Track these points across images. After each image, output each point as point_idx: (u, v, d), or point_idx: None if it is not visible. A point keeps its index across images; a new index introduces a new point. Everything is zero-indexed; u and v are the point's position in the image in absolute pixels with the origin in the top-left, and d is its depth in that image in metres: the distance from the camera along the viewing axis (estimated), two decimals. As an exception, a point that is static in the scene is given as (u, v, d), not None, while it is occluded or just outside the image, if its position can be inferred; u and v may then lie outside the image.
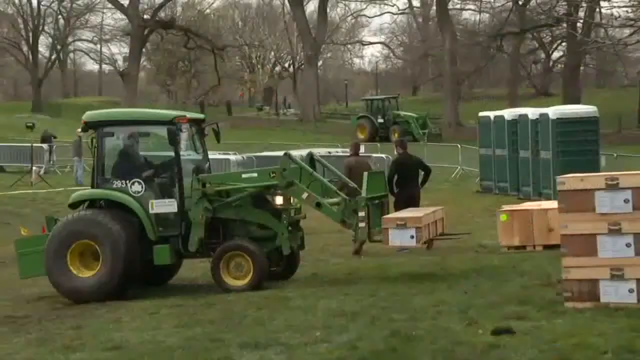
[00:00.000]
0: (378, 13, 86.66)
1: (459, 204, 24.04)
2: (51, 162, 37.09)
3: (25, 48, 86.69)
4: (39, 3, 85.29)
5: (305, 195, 12.74)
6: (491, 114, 26.73)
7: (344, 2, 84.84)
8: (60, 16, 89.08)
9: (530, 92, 75.72)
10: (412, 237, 11.98)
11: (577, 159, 21.60)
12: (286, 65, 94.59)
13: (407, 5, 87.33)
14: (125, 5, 72.40)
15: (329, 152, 32.96)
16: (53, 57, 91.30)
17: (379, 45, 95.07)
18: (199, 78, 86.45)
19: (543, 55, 77.68)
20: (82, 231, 12.69)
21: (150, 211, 12.82)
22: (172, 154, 13.00)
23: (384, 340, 8.63)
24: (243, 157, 30.51)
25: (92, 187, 13.26)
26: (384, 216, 12.67)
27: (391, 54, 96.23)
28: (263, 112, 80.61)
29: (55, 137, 39.32)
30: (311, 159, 13.59)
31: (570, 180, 9.49)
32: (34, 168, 32.84)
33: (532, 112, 24.49)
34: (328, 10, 74.10)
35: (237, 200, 12.93)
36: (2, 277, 15.47)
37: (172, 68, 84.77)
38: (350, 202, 12.61)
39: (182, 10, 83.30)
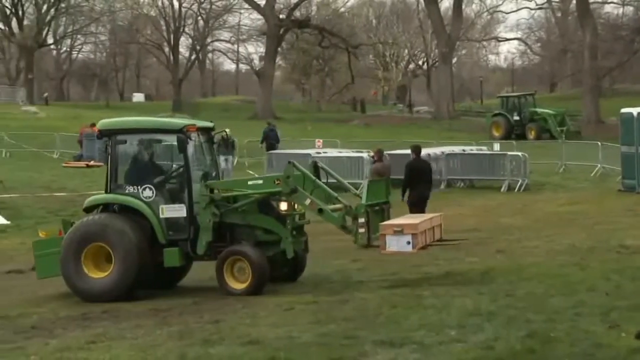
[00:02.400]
0: (515, 9, 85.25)
1: (599, 203, 23.33)
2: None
3: (166, 49, 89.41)
4: (180, 5, 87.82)
5: (308, 201, 13.27)
6: (634, 110, 25.81)
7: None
8: (199, 17, 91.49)
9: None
10: (408, 243, 12.66)
11: None
12: (420, 62, 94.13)
13: (546, 0, 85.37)
14: (262, 6, 73.62)
15: (463, 150, 32.60)
16: (193, 57, 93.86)
17: (515, 41, 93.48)
18: (332, 76, 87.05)
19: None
20: (96, 234, 13.21)
21: (161, 216, 13.33)
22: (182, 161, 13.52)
23: (520, 341, 8.46)
24: (376, 155, 30.48)
25: (106, 192, 13.78)
26: (382, 223, 13.04)
27: (528, 50, 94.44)
28: (396, 110, 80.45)
29: None
30: (315, 167, 14.05)
31: None
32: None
33: (677, 108, 23.54)
34: (463, 6, 73.22)
35: (243, 206, 13.41)
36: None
37: (306, 67, 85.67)
38: (350, 208, 13.13)
39: (317, 9, 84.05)
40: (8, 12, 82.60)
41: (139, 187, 13.36)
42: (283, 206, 13.65)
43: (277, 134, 38.86)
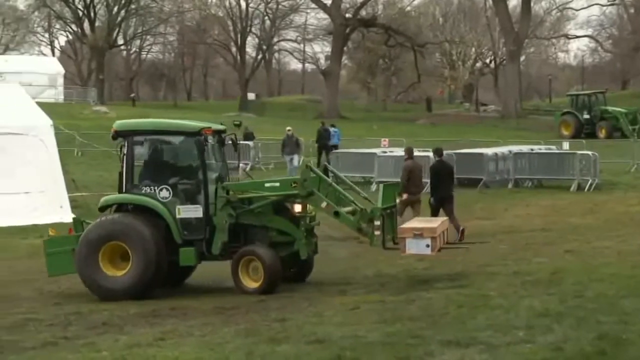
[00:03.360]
0: (585, 5, 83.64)
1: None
2: (256, 159, 38.32)
3: (233, 49, 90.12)
4: (247, 5, 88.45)
5: (324, 204, 13.59)
6: None
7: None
8: (266, 17, 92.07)
9: None
10: (427, 245, 13.06)
11: None
12: (487, 61, 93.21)
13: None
14: (328, 5, 73.71)
15: (532, 149, 32.19)
16: (259, 57, 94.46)
17: (585, 38, 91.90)
18: (398, 75, 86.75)
19: None
20: (116, 233, 13.35)
21: (178, 216, 13.53)
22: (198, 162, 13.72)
23: (590, 342, 8.33)
24: (443, 154, 30.27)
25: (120, 192, 13.93)
26: (401, 226, 13.57)
27: (599, 48, 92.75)
28: (463, 108, 79.83)
29: (254, 136, 40.57)
30: (325, 170, 14.54)
31: None
32: (240, 165, 33.99)
33: None
34: (532, 4, 72.32)
35: (259, 208, 13.66)
36: (210, 269, 16.12)
37: (372, 66, 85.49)
38: (366, 211, 13.40)
39: (383, 8, 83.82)
40: (80, 14, 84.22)
41: (156, 187, 13.59)
42: (297, 208, 13.94)
43: (330, 133, 38.92)
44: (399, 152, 33.06)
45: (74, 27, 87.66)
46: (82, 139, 43.97)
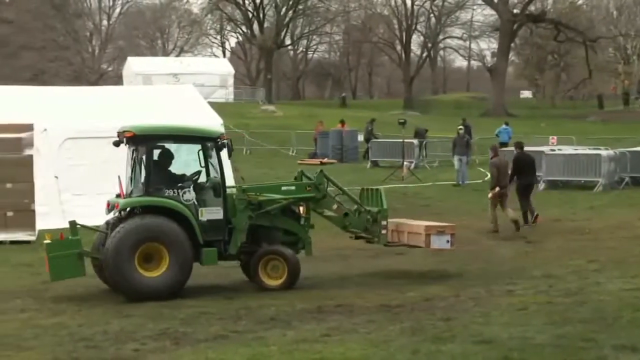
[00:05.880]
0: None
1: None
2: (421, 158, 38.19)
3: (398, 47, 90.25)
4: (412, 3, 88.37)
5: (335, 206, 14.86)
6: None
7: None
8: (432, 15, 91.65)
9: None
10: (447, 241, 14.53)
11: None
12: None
13: None
14: (495, 1, 72.57)
15: None
16: (424, 55, 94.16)
17: None
18: (568, 71, 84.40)
19: None
20: (153, 234, 13.40)
21: (200, 218, 13.85)
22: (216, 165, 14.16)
23: None
24: (615, 152, 29.22)
25: (126, 196, 13.92)
26: (427, 224, 14.98)
27: None
28: (638, 105, 76.73)
29: (426, 131, 40.47)
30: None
31: None
32: (405, 163, 33.97)
33: None
34: None
35: (275, 209, 14.43)
36: (380, 267, 16.21)
37: (540, 62, 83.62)
38: (372, 212, 14.71)
39: (552, 3, 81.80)
40: (250, 15, 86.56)
41: (179, 190, 13.85)
42: (302, 210, 14.86)
43: (372, 129, 40.80)
44: (569, 150, 32.15)
45: (244, 28, 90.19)
46: (250, 137, 45.20)
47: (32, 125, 21.06)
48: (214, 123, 24.74)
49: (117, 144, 14.30)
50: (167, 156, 14.18)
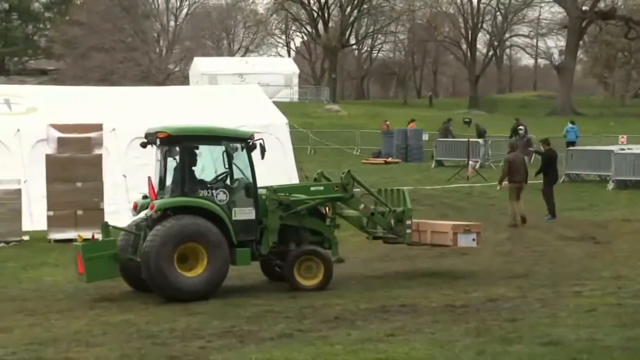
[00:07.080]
0: None
1: None
2: (486, 157, 37.84)
3: (464, 46, 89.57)
4: (478, 1, 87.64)
5: (362, 206, 14.97)
6: None
7: None
8: (498, 13, 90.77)
9: None
10: (473, 239, 14.92)
11: None
12: None
13: None
14: (563, -2, 71.55)
15: None
16: (490, 53, 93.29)
17: None
18: (638, 69, 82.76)
19: None
20: (194, 234, 13.31)
21: (233, 218, 13.78)
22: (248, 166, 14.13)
23: None
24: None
25: (151, 197, 13.78)
26: (454, 223, 15.35)
27: None
28: None
29: (485, 132, 40.06)
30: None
31: None
32: (470, 162, 33.70)
33: None
34: None
35: (304, 209, 14.43)
36: (445, 267, 16.12)
37: (610, 60, 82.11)
38: (397, 212, 14.87)
39: (623, 0, 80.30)
40: (315, 15, 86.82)
41: (213, 190, 13.81)
42: (327, 210, 14.97)
43: (452, 128, 40.69)
44: (639, 149, 31.54)
45: (308, 28, 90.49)
46: (314, 137, 45.33)
47: (101, 125, 21.46)
48: (279, 122, 24.91)
49: (144, 145, 14.38)
50: (201, 157, 14.20)
